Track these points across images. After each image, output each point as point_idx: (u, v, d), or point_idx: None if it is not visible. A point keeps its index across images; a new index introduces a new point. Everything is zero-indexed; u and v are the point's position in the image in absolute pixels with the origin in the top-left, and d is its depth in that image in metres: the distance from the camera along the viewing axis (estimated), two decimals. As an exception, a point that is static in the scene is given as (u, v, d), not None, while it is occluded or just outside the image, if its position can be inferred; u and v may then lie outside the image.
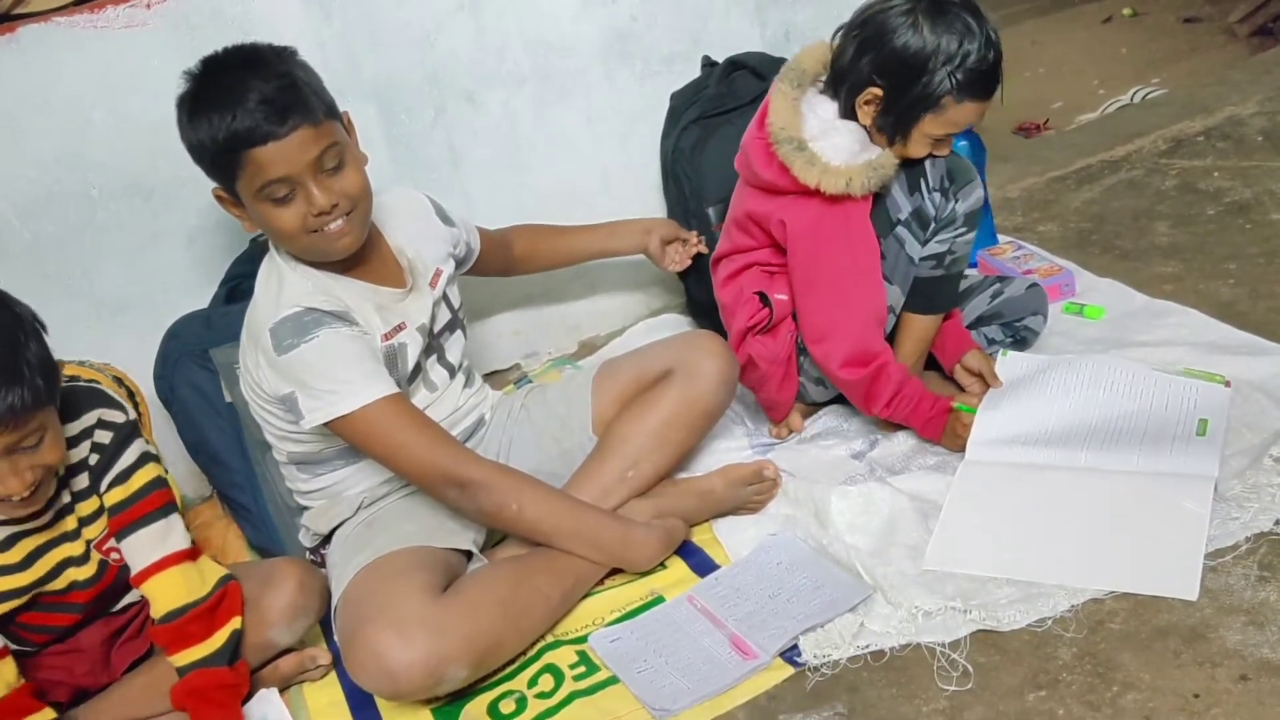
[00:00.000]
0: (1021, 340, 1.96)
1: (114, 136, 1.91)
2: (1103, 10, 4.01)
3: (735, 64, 2.18)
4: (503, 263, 2.02)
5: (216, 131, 1.45)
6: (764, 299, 1.82)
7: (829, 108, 1.71)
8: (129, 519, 1.47)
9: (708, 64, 2.26)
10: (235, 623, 1.50)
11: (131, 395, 1.83)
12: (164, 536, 1.48)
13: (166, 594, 1.47)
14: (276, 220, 1.50)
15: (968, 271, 2.10)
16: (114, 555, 1.51)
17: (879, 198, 1.72)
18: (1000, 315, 1.95)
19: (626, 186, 2.31)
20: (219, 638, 1.48)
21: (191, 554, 1.50)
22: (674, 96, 2.24)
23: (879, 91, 1.64)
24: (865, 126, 1.69)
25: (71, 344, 1.42)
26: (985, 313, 1.95)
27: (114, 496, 1.47)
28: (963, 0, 1.62)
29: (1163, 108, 2.94)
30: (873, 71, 1.64)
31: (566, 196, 2.26)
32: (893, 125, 1.66)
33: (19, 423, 1.29)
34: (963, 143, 2.32)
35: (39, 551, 1.45)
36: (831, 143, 1.67)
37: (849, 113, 1.70)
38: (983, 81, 1.62)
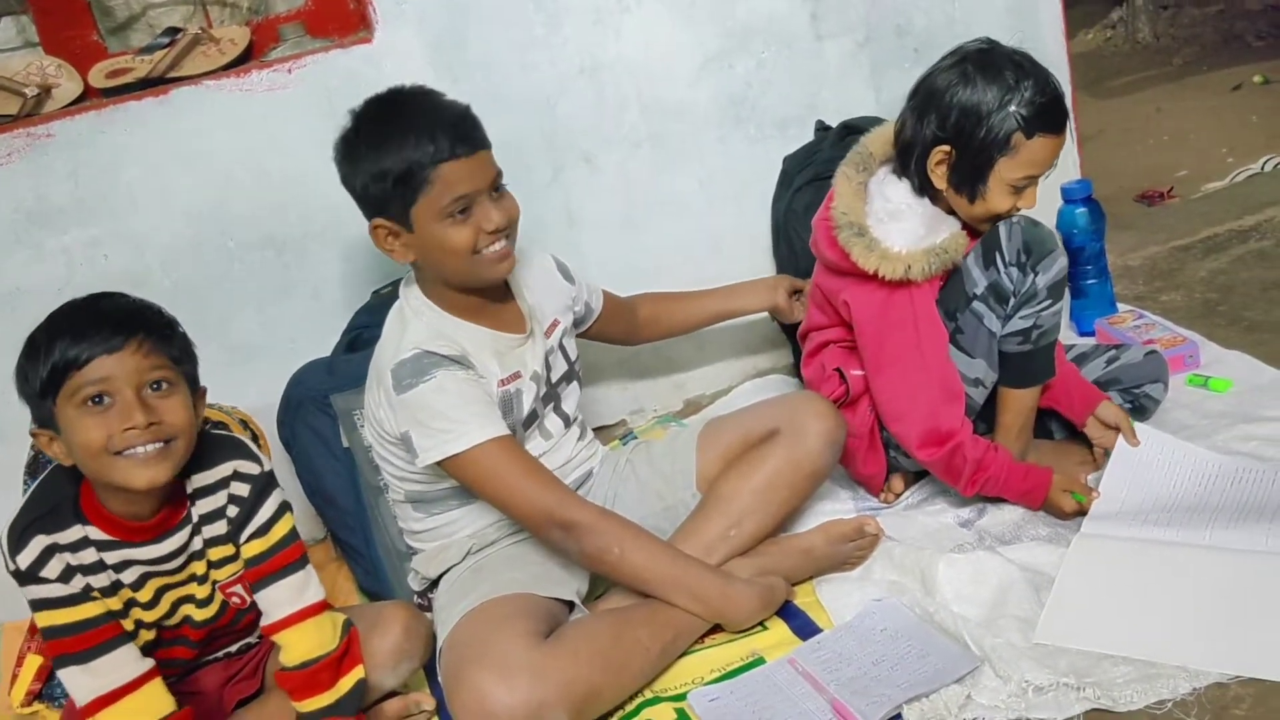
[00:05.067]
0: (1141, 409, 1.90)
1: (252, 191, 2.02)
2: (1232, 78, 3.91)
3: (849, 128, 2.19)
4: (626, 327, 2.05)
5: (410, 151, 1.53)
6: (841, 375, 1.83)
7: (899, 188, 1.72)
8: (268, 570, 1.50)
9: (821, 128, 2.28)
10: (359, 672, 1.52)
11: (255, 438, 1.90)
12: (301, 589, 1.51)
13: (301, 644, 1.49)
14: (452, 239, 1.56)
15: (1082, 340, 2.06)
16: (235, 599, 1.56)
17: (955, 270, 1.71)
18: (1118, 381, 1.90)
19: (738, 248, 2.33)
20: (344, 685, 1.51)
21: (326, 605, 1.53)
22: (787, 159, 2.26)
23: (948, 148, 1.65)
24: (942, 192, 1.69)
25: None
26: (1101, 378, 1.90)
27: (253, 548, 1.50)
28: (1009, 50, 1.65)
29: (1295, 177, 2.85)
30: (937, 130, 1.65)
31: (678, 257, 2.29)
32: (970, 179, 1.66)
33: (153, 350, 1.35)
34: (1081, 210, 2.28)
35: (164, 589, 1.50)
36: (897, 227, 1.68)
37: (923, 184, 1.70)
38: (1049, 114, 1.62)
